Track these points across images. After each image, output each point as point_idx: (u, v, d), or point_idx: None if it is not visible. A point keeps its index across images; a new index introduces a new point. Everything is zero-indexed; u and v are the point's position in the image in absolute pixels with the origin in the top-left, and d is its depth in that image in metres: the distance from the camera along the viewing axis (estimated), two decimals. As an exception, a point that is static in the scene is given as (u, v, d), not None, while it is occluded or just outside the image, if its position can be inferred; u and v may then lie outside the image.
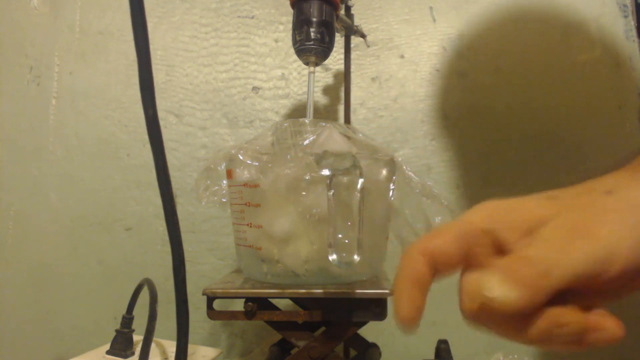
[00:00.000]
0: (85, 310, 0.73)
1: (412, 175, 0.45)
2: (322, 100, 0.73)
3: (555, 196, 0.27)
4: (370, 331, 0.69)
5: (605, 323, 0.25)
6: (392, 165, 0.45)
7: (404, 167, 0.45)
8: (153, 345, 0.48)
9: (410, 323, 0.25)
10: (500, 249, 0.26)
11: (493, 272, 0.23)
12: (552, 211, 0.25)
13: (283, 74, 0.74)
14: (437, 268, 0.27)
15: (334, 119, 0.72)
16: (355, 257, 0.36)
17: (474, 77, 0.71)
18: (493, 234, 0.26)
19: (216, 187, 0.47)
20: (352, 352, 0.58)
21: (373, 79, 0.73)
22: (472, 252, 0.26)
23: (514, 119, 0.70)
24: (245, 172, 0.42)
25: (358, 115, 0.72)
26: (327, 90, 0.73)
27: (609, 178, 0.27)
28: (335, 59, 0.72)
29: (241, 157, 0.42)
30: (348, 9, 0.61)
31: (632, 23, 0.70)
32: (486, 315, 0.23)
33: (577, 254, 0.23)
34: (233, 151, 0.43)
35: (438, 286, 0.28)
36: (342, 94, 0.70)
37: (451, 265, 0.27)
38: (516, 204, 0.28)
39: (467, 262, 0.26)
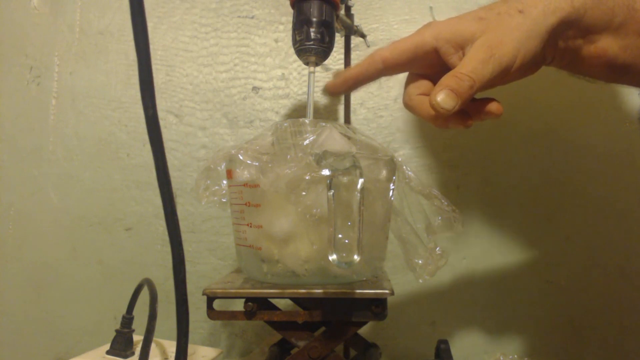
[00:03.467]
0: (85, 310, 0.73)
1: (412, 175, 0.45)
2: (322, 100, 0.73)
3: (483, 17, 0.37)
4: (370, 331, 0.69)
5: (489, 102, 0.39)
6: (392, 165, 0.45)
7: (404, 167, 0.45)
8: (153, 345, 0.48)
9: (332, 90, 0.42)
10: (442, 61, 0.38)
11: (439, 89, 0.35)
12: (479, 30, 0.36)
13: (283, 74, 0.74)
14: (388, 71, 0.40)
15: (334, 119, 0.72)
16: (355, 257, 0.36)
17: (474, 77, 0.71)
18: (438, 50, 0.38)
19: (216, 187, 0.47)
20: (352, 352, 0.58)
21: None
22: (422, 62, 0.39)
23: (514, 119, 0.70)
24: (245, 172, 0.42)
25: (358, 115, 0.72)
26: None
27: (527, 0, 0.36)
28: (335, 59, 0.72)
29: (241, 157, 0.42)
30: (348, 9, 0.61)
31: (632, 23, 0.70)
32: (437, 117, 0.37)
33: (493, 65, 0.35)
34: (233, 151, 0.43)
35: (438, 287, 0.28)
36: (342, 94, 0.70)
37: (400, 69, 0.41)
38: (454, 24, 0.37)
39: (426, 76, 0.41)
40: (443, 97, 0.34)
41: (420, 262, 0.43)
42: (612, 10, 0.35)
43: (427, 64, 0.40)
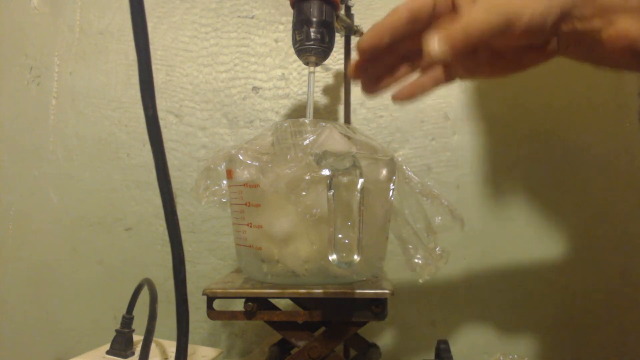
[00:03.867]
0: (85, 310, 0.73)
1: (412, 175, 0.45)
2: (322, 100, 0.73)
3: None
4: (370, 331, 0.69)
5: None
6: (392, 165, 0.45)
7: (404, 167, 0.45)
8: (153, 345, 0.48)
9: (365, 45, 0.40)
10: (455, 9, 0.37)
11: (433, 33, 0.33)
12: None
13: (283, 74, 0.74)
14: (413, 19, 0.38)
15: (334, 119, 0.72)
16: (355, 257, 0.36)
17: (474, 77, 0.71)
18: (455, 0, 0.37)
19: (216, 187, 0.47)
20: (352, 352, 0.58)
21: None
22: (440, 12, 0.37)
23: (514, 119, 0.70)
24: (245, 172, 0.42)
25: (358, 115, 0.72)
26: (327, 90, 0.73)
27: None
28: (335, 59, 0.72)
29: (241, 157, 0.42)
30: (348, 9, 0.61)
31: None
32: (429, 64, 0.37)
33: (493, 14, 0.33)
34: (233, 151, 0.43)
35: (438, 287, 0.28)
36: (342, 94, 0.70)
37: (424, 19, 0.38)
38: None
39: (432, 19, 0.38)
40: (434, 42, 0.33)
41: (420, 262, 0.43)
42: None
43: (448, 17, 0.37)
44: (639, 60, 0.36)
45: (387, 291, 0.41)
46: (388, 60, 0.42)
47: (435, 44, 0.33)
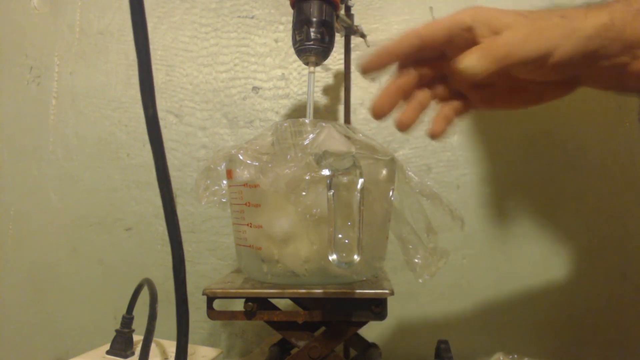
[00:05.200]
0: (85, 310, 0.73)
1: (412, 175, 0.45)
2: (322, 100, 0.73)
3: (523, 14, 0.36)
4: (370, 331, 0.69)
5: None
6: (392, 165, 0.45)
7: (404, 167, 0.45)
8: (153, 345, 0.48)
9: (367, 66, 0.39)
10: (475, 44, 0.36)
11: (475, 50, 0.33)
12: (518, 21, 0.35)
13: (283, 74, 0.74)
14: (424, 46, 0.38)
15: (334, 119, 0.72)
16: (355, 257, 0.36)
17: (474, 77, 0.71)
18: (473, 30, 0.36)
19: (216, 187, 0.47)
20: (352, 352, 0.58)
21: (373, 79, 0.73)
22: (456, 42, 0.36)
23: (514, 119, 0.70)
24: (245, 172, 0.42)
25: (358, 115, 0.72)
26: (327, 90, 0.73)
27: (567, 9, 0.36)
28: (335, 59, 0.72)
29: (241, 157, 0.42)
30: (348, 9, 0.61)
31: None
32: (462, 81, 0.35)
33: (531, 45, 0.34)
34: (233, 151, 0.43)
35: (438, 287, 0.29)
36: (342, 94, 0.70)
37: (435, 47, 0.38)
38: (494, 10, 0.36)
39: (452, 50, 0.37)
40: (473, 57, 0.33)
41: (420, 262, 0.43)
42: None
43: (461, 46, 0.36)
44: None
45: (387, 291, 0.41)
46: (402, 84, 0.40)
47: (474, 58, 0.33)
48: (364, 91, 0.72)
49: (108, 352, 0.52)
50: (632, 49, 0.35)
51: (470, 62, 0.33)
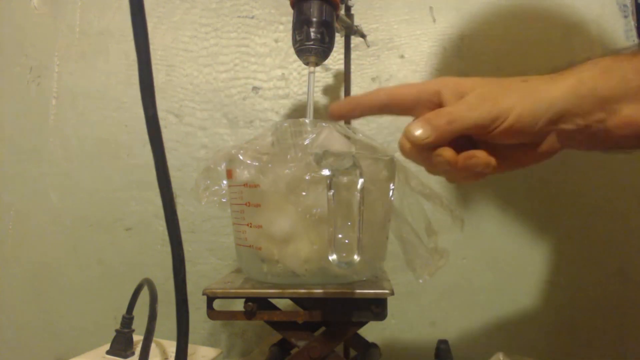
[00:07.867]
0: (85, 310, 0.73)
1: (412, 175, 0.45)
2: (322, 100, 0.73)
3: (488, 80, 0.37)
4: (370, 331, 0.69)
5: (477, 153, 0.36)
6: (392, 165, 0.45)
7: (404, 167, 0.45)
8: (153, 345, 0.48)
9: (336, 112, 0.41)
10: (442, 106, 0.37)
11: (417, 120, 0.35)
12: (481, 85, 0.36)
13: (283, 74, 0.74)
14: (392, 105, 0.40)
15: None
16: (355, 257, 0.36)
17: (474, 77, 0.71)
18: (439, 95, 0.38)
19: (216, 187, 0.47)
20: (352, 352, 0.58)
21: (373, 79, 0.73)
22: (424, 105, 0.38)
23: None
24: (245, 172, 0.42)
25: (358, 115, 0.72)
26: (327, 90, 0.73)
27: (532, 76, 0.37)
28: (335, 59, 0.72)
29: (241, 157, 0.42)
30: (348, 9, 0.61)
31: (632, 23, 0.70)
32: (411, 149, 0.36)
33: (478, 111, 0.35)
34: (233, 151, 0.43)
35: (438, 287, 0.29)
36: (342, 94, 0.70)
37: (403, 107, 0.40)
38: (460, 78, 0.38)
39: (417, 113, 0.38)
40: (416, 126, 0.35)
41: (420, 262, 0.43)
42: (624, 78, 0.34)
43: (429, 108, 0.39)
44: None
45: (387, 291, 0.41)
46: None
47: (418, 126, 0.35)
48: (364, 91, 0.72)
49: (108, 352, 0.52)
50: (606, 104, 0.35)
51: (415, 129, 0.34)
